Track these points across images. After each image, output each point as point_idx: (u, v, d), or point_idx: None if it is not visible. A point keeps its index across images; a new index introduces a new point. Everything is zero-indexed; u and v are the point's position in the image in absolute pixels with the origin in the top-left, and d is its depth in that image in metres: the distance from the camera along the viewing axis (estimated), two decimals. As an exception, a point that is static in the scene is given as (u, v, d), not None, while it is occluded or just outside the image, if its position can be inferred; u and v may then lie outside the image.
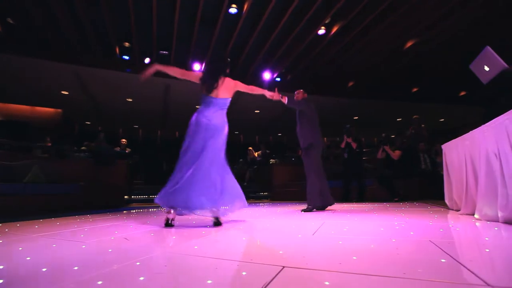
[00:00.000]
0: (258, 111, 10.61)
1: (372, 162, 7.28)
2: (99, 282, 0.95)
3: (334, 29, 5.86)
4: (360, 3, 5.02)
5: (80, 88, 7.94)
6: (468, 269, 0.96)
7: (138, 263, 1.19)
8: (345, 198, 6.19)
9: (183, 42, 6.37)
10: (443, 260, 1.08)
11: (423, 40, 6.26)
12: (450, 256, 1.14)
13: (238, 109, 10.38)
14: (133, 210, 4.92)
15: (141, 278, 0.99)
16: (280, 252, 1.34)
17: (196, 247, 1.50)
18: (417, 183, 6.36)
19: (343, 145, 6.67)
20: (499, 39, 6.24)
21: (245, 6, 5.05)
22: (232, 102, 2.63)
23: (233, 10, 5.20)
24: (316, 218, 2.74)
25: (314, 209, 3.66)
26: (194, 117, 2.53)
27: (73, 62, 6.50)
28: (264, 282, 0.89)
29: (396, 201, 5.45)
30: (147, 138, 14.21)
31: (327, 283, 0.88)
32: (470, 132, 2.52)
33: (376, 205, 4.52)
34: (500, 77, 2.14)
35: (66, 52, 6.41)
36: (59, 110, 9.26)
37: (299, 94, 4.13)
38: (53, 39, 6.06)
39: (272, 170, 7.78)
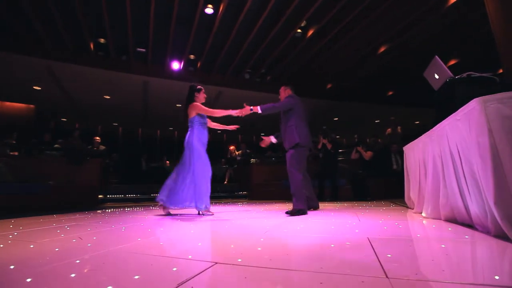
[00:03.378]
0: (240, 111, 10.64)
1: (347, 163, 7.49)
2: (28, 280, 0.97)
3: (310, 33, 6.00)
4: (332, 9, 5.18)
5: (53, 84, 7.68)
6: (380, 263, 1.05)
7: (78, 261, 1.21)
8: (320, 197, 6.36)
9: (160, 40, 6.31)
10: (365, 256, 1.17)
11: (395, 45, 6.51)
12: (374, 252, 1.23)
13: (220, 108, 10.35)
14: (107, 210, 4.82)
15: (72, 275, 1.02)
16: (223, 249, 1.40)
17: (145, 245, 1.54)
18: (388, 183, 6.61)
19: (319, 146, 6.88)
20: (469, 43, 6.60)
21: (221, 7, 5.08)
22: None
23: (209, 10, 5.21)
24: (277, 218, 2.82)
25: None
26: None
27: (45, 57, 6.29)
28: (188, 277, 0.94)
29: (368, 200, 5.66)
30: (128, 136, 13.91)
31: (245, 277, 0.95)
32: (423, 135, 2.68)
33: (345, 204, 4.67)
34: (446, 85, 2.29)
35: (37, 46, 6.18)
36: (32, 106, 8.91)
37: (281, 92, 3.79)
38: (22, 32, 5.84)
39: (251, 170, 7.84)
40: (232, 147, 10.17)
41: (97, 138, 7.58)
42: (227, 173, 9.89)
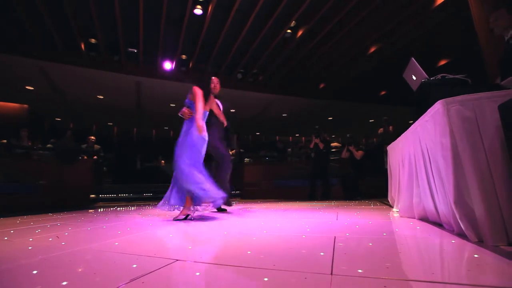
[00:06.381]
0: (234, 110, 10.69)
1: (339, 162, 7.54)
2: (-10, 277, 1.01)
3: (300, 33, 6.05)
4: (321, 9, 5.23)
5: (46, 84, 7.70)
6: (332, 261, 1.09)
7: (45, 259, 1.25)
8: (311, 196, 6.41)
9: (151, 41, 6.34)
10: (322, 254, 1.21)
11: (385, 45, 6.57)
12: (333, 249, 1.27)
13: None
14: (99, 209, 4.83)
15: (34, 272, 1.05)
16: (189, 247, 1.43)
17: (116, 243, 1.57)
18: (379, 182, 6.65)
19: (311, 146, 6.93)
20: (459, 43, 6.65)
21: (210, 8, 5.11)
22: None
23: (198, 11, 5.24)
24: (257, 217, 2.85)
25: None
26: None
27: (36, 57, 6.29)
28: (143, 273, 0.98)
29: (358, 199, 5.71)
30: (123, 136, 13.92)
31: (197, 273, 0.99)
32: (402, 135, 2.73)
33: (333, 203, 4.72)
34: (421, 86, 2.33)
35: (28, 46, 6.19)
36: (25, 105, 8.92)
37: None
38: (13, 32, 5.84)
39: (243, 169, 7.88)
40: (226, 147, 10.18)
41: (92, 137, 7.58)
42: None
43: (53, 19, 5.54)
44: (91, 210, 4.53)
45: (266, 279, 0.90)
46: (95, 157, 6.95)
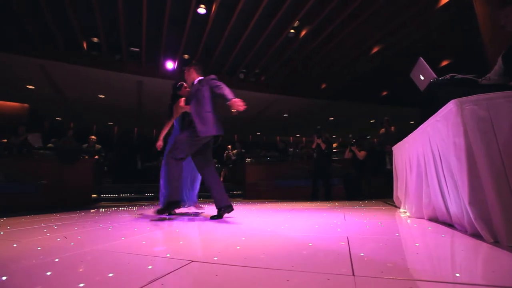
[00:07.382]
0: (235, 110, 10.67)
1: (341, 162, 7.53)
2: (3, 278, 0.99)
3: (303, 33, 6.04)
4: (324, 9, 5.23)
5: (47, 83, 7.66)
6: (351, 262, 1.07)
7: (57, 260, 1.23)
8: (314, 197, 6.40)
9: (153, 40, 6.32)
10: (339, 255, 1.20)
11: (387, 46, 6.57)
12: (349, 250, 1.26)
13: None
14: (101, 209, 4.80)
15: (48, 273, 1.03)
16: (202, 248, 1.42)
17: (126, 244, 1.55)
18: (382, 183, 6.65)
19: (313, 146, 6.91)
20: (462, 44, 6.65)
21: (213, 7, 5.10)
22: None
23: (201, 10, 5.22)
24: (263, 217, 2.84)
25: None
26: None
27: (38, 56, 6.26)
28: (160, 274, 0.96)
29: (361, 200, 5.70)
30: (123, 135, 13.87)
31: (216, 275, 0.97)
32: (409, 135, 2.71)
33: (336, 204, 4.71)
34: (430, 86, 2.32)
35: (29, 45, 6.16)
36: (26, 105, 8.88)
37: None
38: (13, 31, 5.82)
39: (245, 169, 7.87)
40: (228, 146, 10.19)
41: (93, 137, 7.55)
42: (222, 173, 9.91)
43: (55, 18, 5.52)
44: (93, 210, 4.50)
45: (288, 280, 0.88)
46: (96, 156, 6.94)
